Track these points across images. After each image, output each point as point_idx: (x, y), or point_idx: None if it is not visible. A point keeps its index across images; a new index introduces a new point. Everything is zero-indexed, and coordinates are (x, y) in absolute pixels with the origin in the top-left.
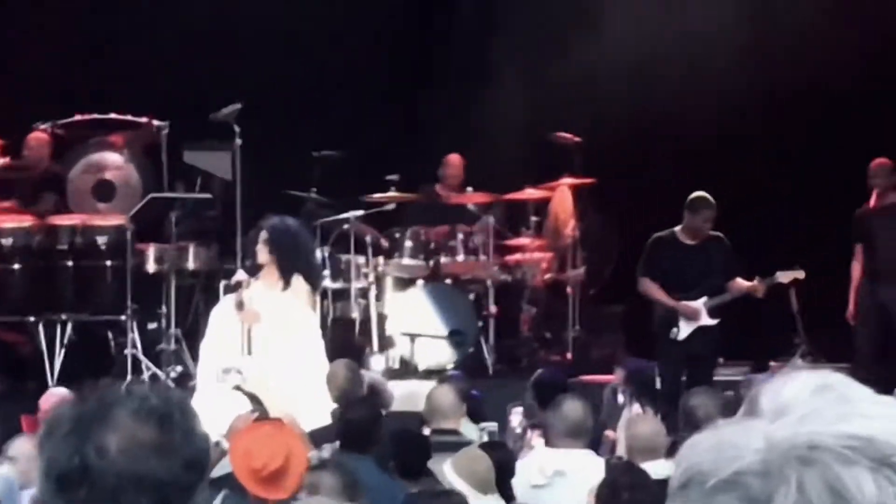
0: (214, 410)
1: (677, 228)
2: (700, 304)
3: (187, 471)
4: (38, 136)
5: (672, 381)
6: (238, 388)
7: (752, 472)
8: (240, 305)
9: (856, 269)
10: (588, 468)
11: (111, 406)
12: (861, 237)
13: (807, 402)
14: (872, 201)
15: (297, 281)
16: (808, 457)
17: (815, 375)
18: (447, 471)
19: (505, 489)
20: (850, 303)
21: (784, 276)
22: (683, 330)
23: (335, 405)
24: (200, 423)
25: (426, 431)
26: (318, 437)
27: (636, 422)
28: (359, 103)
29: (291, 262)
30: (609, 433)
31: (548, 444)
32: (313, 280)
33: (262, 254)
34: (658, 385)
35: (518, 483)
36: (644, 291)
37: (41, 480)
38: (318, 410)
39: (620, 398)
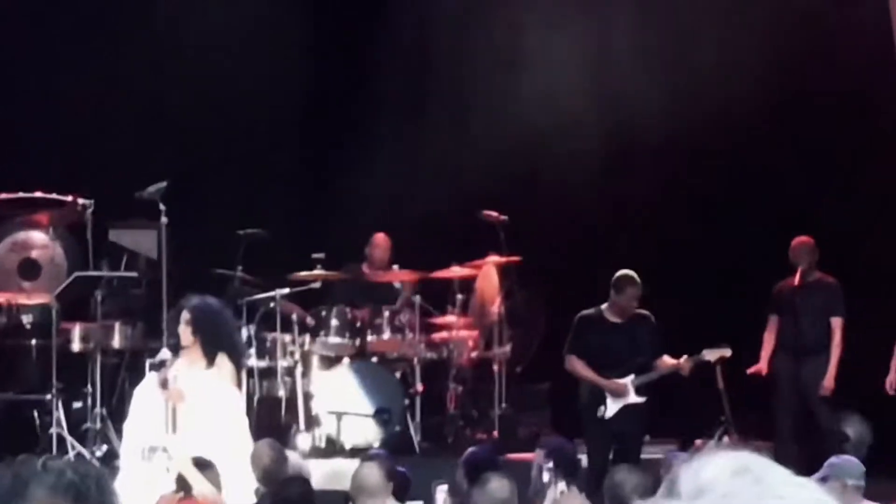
0: (139, 490)
1: (604, 306)
2: (627, 381)
3: None
4: None
5: (599, 459)
6: (165, 468)
7: None
8: (164, 384)
9: (769, 339)
10: None
11: (27, 482)
12: (781, 311)
13: (724, 483)
14: (797, 279)
15: (221, 359)
16: None
17: (733, 457)
18: None
19: None
20: (763, 362)
21: (710, 354)
22: (610, 408)
23: (259, 484)
24: (117, 497)
25: None
26: None
27: (562, 500)
28: (285, 181)
29: (215, 342)
30: None
31: None
32: (237, 359)
33: (185, 335)
34: (585, 463)
35: None
36: (571, 369)
37: None
38: (241, 489)
39: (546, 476)
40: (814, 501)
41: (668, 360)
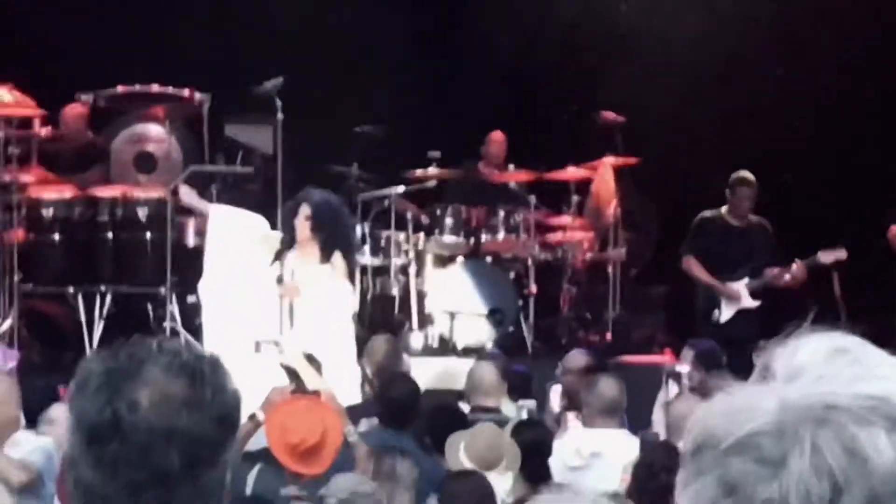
0: (250, 382)
1: (724, 209)
2: (742, 285)
3: (218, 426)
4: (75, 108)
5: None
6: (278, 362)
7: (766, 433)
8: (279, 280)
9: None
10: (623, 448)
11: (142, 361)
12: None
13: (821, 364)
14: None
15: (336, 256)
16: (823, 417)
17: (829, 338)
18: (461, 447)
19: (540, 468)
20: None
21: (826, 256)
22: (725, 312)
23: (373, 379)
24: (231, 380)
25: (466, 408)
26: (354, 413)
27: (675, 402)
28: (401, 78)
29: (333, 239)
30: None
31: (584, 423)
32: (351, 257)
33: (304, 229)
34: None
35: (554, 464)
36: (687, 269)
37: (71, 435)
38: (349, 384)
39: (666, 378)
40: None
41: (779, 272)
